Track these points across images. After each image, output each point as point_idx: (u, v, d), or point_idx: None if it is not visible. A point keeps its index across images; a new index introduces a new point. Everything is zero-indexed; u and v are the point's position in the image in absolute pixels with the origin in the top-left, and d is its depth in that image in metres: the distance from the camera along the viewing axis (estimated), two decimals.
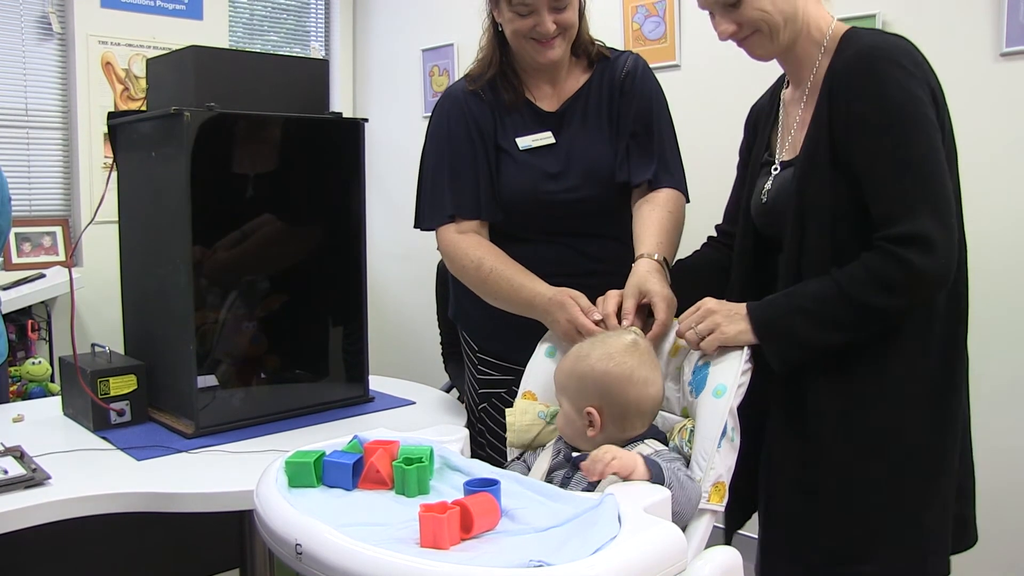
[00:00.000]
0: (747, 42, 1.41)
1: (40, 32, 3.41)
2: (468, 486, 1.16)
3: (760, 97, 1.64)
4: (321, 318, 1.99)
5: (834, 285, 1.31)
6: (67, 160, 3.51)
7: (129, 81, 3.55)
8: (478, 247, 1.70)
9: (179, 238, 1.74)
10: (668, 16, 2.96)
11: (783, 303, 1.36)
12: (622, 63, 1.77)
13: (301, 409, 1.91)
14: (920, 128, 1.28)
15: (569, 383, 1.37)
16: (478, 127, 1.74)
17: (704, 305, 1.40)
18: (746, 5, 1.35)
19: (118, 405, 1.81)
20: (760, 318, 1.35)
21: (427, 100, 3.88)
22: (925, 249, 1.25)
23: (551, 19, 1.62)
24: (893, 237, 1.27)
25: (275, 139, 1.88)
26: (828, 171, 1.34)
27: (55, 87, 3.47)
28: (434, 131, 1.80)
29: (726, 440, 1.32)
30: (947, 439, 1.38)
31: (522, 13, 1.62)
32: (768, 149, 1.53)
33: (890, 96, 1.28)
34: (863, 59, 1.31)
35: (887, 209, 1.29)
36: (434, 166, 1.78)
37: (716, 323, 1.36)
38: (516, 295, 1.62)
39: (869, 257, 1.29)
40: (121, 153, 2.00)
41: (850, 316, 1.30)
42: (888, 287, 1.27)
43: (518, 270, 1.65)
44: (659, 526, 1.07)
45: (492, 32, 1.75)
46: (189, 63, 1.79)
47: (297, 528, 1.10)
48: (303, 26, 4.22)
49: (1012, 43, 2.26)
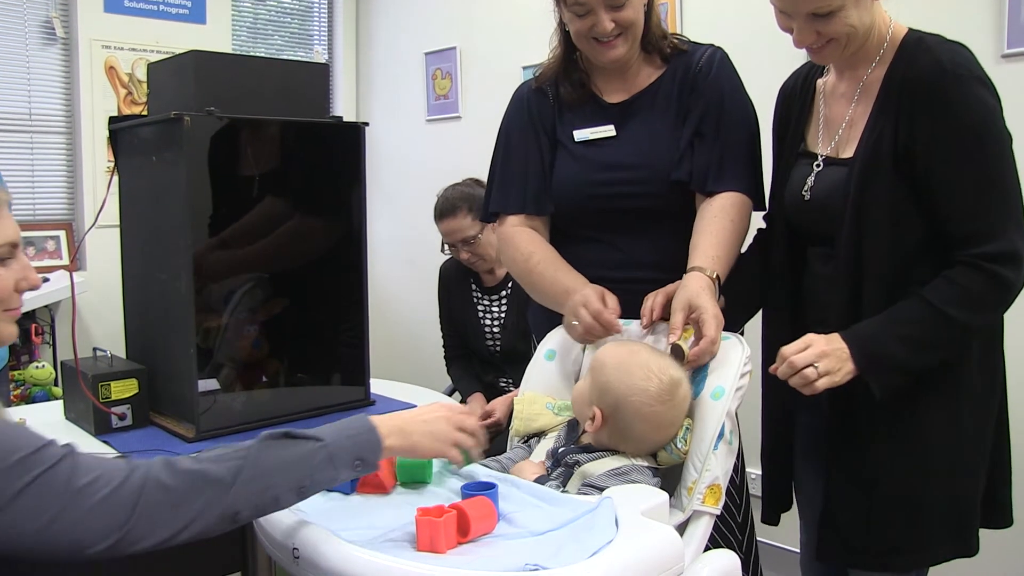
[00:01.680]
0: (820, 51, 1.39)
1: (44, 37, 3.42)
2: (465, 490, 1.16)
3: (788, 79, 1.62)
4: (322, 322, 1.99)
5: (929, 307, 1.31)
6: (71, 164, 3.52)
7: (132, 85, 3.56)
8: (531, 242, 1.67)
9: (180, 242, 1.75)
10: (670, 20, 2.96)
11: (881, 334, 1.33)
12: (698, 57, 1.68)
13: (302, 413, 1.91)
14: (1001, 144, 1.32)
15: (601, 374, 1.35)
16: (537, 122, 1.72)
17: (812, 342, 1.33)
18: (837, 19, 1.33)
19: (119, 409, 1.81)
20: (862, 355, 1.33)
21: (429, 103, 3.88)
22: (1017, 265, 1.30)
23: (608, 18, 1.57)
24: (988, 256, 1.29)
25: (275, 143, 1.88)
26: (890, 176, 1.35)
27: (59, 91, 3.48)
28: (500, 128, 1.80)
29: (723, 443, 1.32)
30: (988, 429, 1.42)
31: (579, 13, 1.59)
32: (803, 139, 1.53)
33: (974, 114, 1.30)
34: (946, 74, 1.31)
35: (974, 227, 1.31)
36: (496, 162, 1.79)
37: (828, 368, 1.32)
38: (551, 288, 1.60)
39: (963, 276, 1.31)
40: (122, 158, 2.01)
41: (950, 336, 1.33)
42: (988, 305, 1.32)
43: (560, 265, 1.62)
44: (656, 530, 1.07)
45: (560, 31, 1.71)
46: (190, 68, 1.80)
47: (294, 533, 1.10)
48: (306, 30, 4.23)
49: (1013, 45, 2.25)
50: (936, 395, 1.38)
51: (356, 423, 1.13)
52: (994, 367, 1.44)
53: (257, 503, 1.03)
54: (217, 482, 1.01)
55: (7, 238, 1.14)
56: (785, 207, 1.53)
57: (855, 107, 1.43)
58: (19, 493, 0.92)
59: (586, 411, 1.35)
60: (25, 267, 1.18)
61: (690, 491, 1.29)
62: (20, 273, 1.17)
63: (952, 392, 1.38)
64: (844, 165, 1.42)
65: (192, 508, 0.99)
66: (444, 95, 3.82)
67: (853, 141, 1.41)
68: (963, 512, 1.40)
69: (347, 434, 1.10)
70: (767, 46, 2.00)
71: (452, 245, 2.56)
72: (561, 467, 1.34)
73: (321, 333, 1.99)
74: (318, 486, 1.08)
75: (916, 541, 1.39)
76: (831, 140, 1.47)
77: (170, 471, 1.00)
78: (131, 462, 1.01)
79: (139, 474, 0.99)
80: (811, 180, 1.46)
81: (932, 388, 1.37)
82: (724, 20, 2.82)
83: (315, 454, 1.06)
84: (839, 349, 1.32)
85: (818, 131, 1.50)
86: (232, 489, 1.01)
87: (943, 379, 1.38)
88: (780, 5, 1.37)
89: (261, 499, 1.03)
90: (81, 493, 0.95)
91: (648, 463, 1.33)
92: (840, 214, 1.39)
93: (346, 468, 1.09)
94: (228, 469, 1.02)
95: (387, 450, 1.13)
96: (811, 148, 1.51)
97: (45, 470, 0.94)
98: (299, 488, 1.06)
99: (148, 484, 0.98)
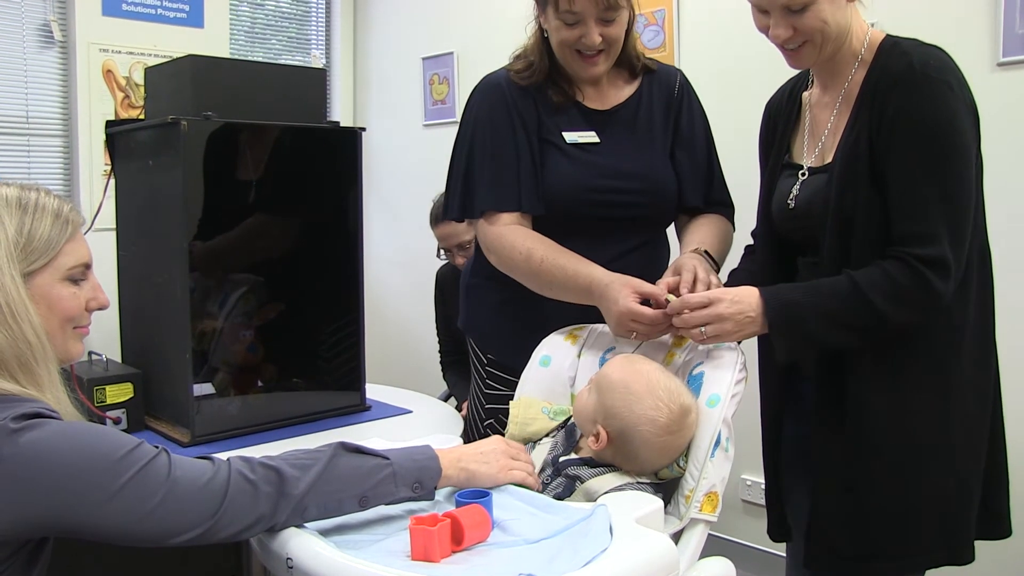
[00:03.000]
0: (797, 52, 1.40)
1: (41, 40, 3.42)
2: (460, 498, 1.16)
3: (774, 95, 1.64)
4: (318, 326, 1.98)
5: (855, 288, 1.32)
6: (68, 168, 3.52)
7: (130, 89, 3.56)
8: (525, 237, 1.63)
9: (176, 247, 1.74)
10: (667, 25, 2.96)
11: (803, 302, 1.35)
12: (673, 78, 1.76)
13: (298, 418, 1.91)
14: (957, 151, 1.32)
15: (608, 396, 1.32)
16: (522, 118, 1.68)
17: (715, 306, 1.35)
18: (810, 13, 1.34)
19: (114, 413, 1.81)
20: (777, 317, 1.34)
21: (427, 108, 3.88)
22: (945, 275, 1.31)
23: (598, 31, 1.59)
24: (922, 257, 1.30)
25: (273, 148, 1.88)
26: (867, 179, 1.35)
27: (56, 95, 3.47)
28: (473, 117, 1.74)
29: (720, 450, 1.31)
30: (981, 435, 1.42)
31: (569, 22, 1.59)
32: (788, 151, 1.53)
33: (935, 116, 1.31)
34: (913, 75, 1.32)
35: (916, 228, 1.31)
36: (471, 154, 1.72)
37: (726, 331, 1.35)
38: (572, 282, 1.56)
39: (894, 268, 1.31)
40: (119, 162, 2.00)
41: (866, 323, 1.33)
42: (906, 301, 1.31)
43: (570, 256, 1.60)
44: (651, 537, 1.07)
45: (539, 38, 1.71)
46: (188, 72, 1.80)
47: (288, 542, 1.10)
48: (304, 34, 4.23)
49: (1008, 53, 2.26)
50: (925, 401, 1.37)
51: (421, 451, 1.22)
52: (986, 372, 1.43)
53: (325, 503, 1.12)
54: (293, 480, 1.10)
55: (81, 259, 1.20)
56: (772, 218, 1.53)
57: (836, 115, 1.44)
58: (127, 483, 1.02)
59: (589, 427, 1.33)
60: (96, 287, 1.23)
61: (687, 499, 1.28)
62: (91, 293, 1.22)
63: (941, 397, 1.38)
64: (825, 172, 1.42)
65: (269, 502, 1.09)
66: (441, 100, 3.82)
67: (834, 148, 1.42)
68: (954, 518, 1.40)
69: (412, 458, 1.20)
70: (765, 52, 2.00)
71: (448, 250, 2.56)
72: (562, 477, 1.34)
73: (317, 338, 1.99)
74: (378, 500, 1.16)
75: (905, 548, 1.38)
76: (815, 148, 1.47)
77: (250, 467, 1.11)
78: (215, 460, 1.12)
79: (225, 468, 1.10)
80: (796, 189, 1.47)
81: (921, 393, 1.37)
82: (721, 24, 2.82)
83: (381, 470, 1.16)
84: (744, 313, 1.34)
85: (803, 142, 1.51)
86: (304, 490, 1.10)
87: (933, 383, 1.37)
88: (756, 1, 1.39)
89: (329, 501, 1.12)
90: (178, 483, 1.05)
91: (650, 479, 1.32)
92: (823, 220, 1.39)
93: (406, 488, 1.17)
94: (302, 470, 1.12)
95: (445, 479, 1.21)
96: (796, 159, 1.51)
97: (147, 463, 1.04)
98: (362, 498, 1.14)
99: (234, 476, 1.09)
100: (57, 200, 1.19)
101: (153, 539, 1.05)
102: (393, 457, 1.17)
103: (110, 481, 1.02)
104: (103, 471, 1.02)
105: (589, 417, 1.33)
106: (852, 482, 1.39)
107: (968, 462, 1.41)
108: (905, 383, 1.37)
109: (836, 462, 1.41)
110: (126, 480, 1.02)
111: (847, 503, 1.39)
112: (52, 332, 1.16)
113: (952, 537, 1.40)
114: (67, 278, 1.17)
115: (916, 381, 1.37)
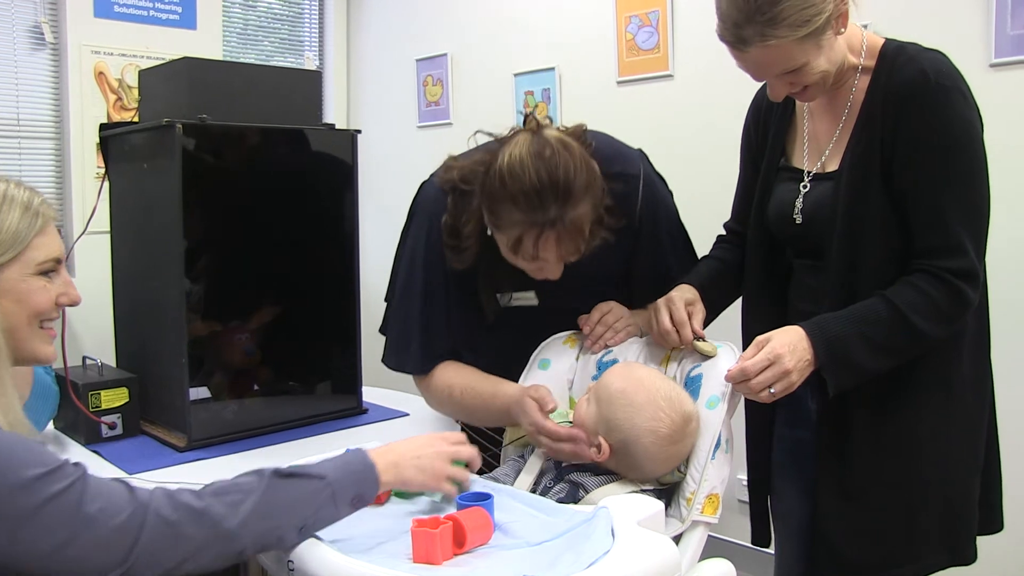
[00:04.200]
0: (803, 94, 1.38)
1: (33, 42, 3.40)
2: (461, 500, 1.16)
3: (761, 89, 1.59)
4: (314, 330, 1.98)
5: (895, 312, 1.30)
6: (59, 170, 3.50)
7: (122, 91, 3.54)
8: (442, 374, 1.55)
9: (171, 250, 1.74)
10: (661, 27, 2.97)
11: (847, 334, 1.31)
12: (633, 203, 1.53)
13: (294, 421, 1.90)
14: (977, 162, 1.33)
15: (608, 408, 1.30)
16: (453, 276, 1.52)
17: (779, 364, 1.27)
18: (806, 72, 1.31)
19: (110, 418, 1.80)
20: (827, 354, 1.30)
21: (421, 110, 3.88)
22: (975, 284, 1.32)
23: (561, 265, 1.41)
24: (953, 269, 1.30)
25: (268, 151, 1.88)
26: (879, 188, 1.34)
27: (48, 97, 3.45)
28: (409, 255, 1.59)
29: (720, 451, 1.32)
30: (980, 435, 1.42)
31: (528, 259, 1.39)
32: (784, 155, 1.52)
33: (952, 129, 1.31)
34: (928, 85, 1.30)
35: (942, 240, 1.31)
36: (408, 302, 1.57)
37: (792, 383, 1.29)
38: (492, 405, 1.48)
39: (928, 284, 1.30)
40: (113, 165, 1.99)
41: (909, 344, 1.32)
42: (946, 316, 1.31)
43: (486, 380, 1.51)
44: (652, 540, 1.07)
45: (479, 228, 1.43)
46: (182, 74, 1.79)
47: None
48: (297, 36, 4.22)
49: (1000, 54, 2.28)
50: (926, 404, 1.37)
51: (356, 460, 1.13)
52: (983, 373, 1.44)
53: (263, 542, 1.04)
54: (221, 519, 1.00)
55: (52, 253, 1.16)
56: (769, 223, 1.51)
57: (843, 123, 1.42)
58: (35, 511, 0.91)
59: (591, 437, 1.32)
60: (67, 283, 1.20)
61: (689, 501, 1.28)
62: (62, 288, 1.19)
63: (943, 400, 1.38)
64: (830, 179, 1.41)
65: (193, 544, 0.99)
66: (435, 101, 3.82)
67: (839, 155, 1.41)
68: (959, 519, 1.40)
69: (348, 470, 1.11)
70: None
71: None
72: (564, 483, 1.33)
73: (313, 341, 1.98)
74: (319, 525, 1.08)
75: (912, 551, 1.38)
76: (819, 157, 1.45)
77: (172, 505, 1.00)
78: (135, 493, 1.00)
79: (142, 506, 0.98)
80: (800, 202, 1.44)
81: (922, 396, 1.37)
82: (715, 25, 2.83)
83: (319, 493, 1.07)
84: (802, 359, 1.29)
85: (803, 147, 1.48)
86: (237, 528, 1.01)
87: (934, 386, 1.38)
88: (749, 73, 1.36)
89: (266, 539, 1.04)
90: (90, 522, 0.94)
91: (653, 486, 1.32)
92: (829, 227, 1.38)
93: (346, 506, 1.10)
94: (232, 506, 1.02)
95: (383, 485, 1.14)
96: (795, 163, 1.49)
97: (59, 492, 0.93)
98: (301, 528, 1.06)
99: (151, 518, 0.97)
100: (28, 192, 1.15)
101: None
102: (329, 473, 1.09)
103: (13, 505, 0.90)
104: (8, 491, 0.90)
105: (591, 429, 1.32)
106: (857, 490, 1.38)
107: (969, 462, 1.41)
108: (908, 387, 1.37)
109: (838, 468, 1.40)
110: (36, 506, 0.91)
111: (851, 511, 1.39)
112: (19, 328, 1.12)
113: (956, 538, 1.40)
114: (37, 272, 1.14)
115: (919, 385, 1.37)
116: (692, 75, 2.94)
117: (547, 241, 1.33)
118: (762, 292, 1.52)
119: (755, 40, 1.26)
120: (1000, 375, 1.48)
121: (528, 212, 1.31)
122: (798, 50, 1.28)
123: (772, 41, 1.26)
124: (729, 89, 2.69)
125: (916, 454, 1.37)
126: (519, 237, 1.34)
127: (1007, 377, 1.57)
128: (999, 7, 2.27)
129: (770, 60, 1.29)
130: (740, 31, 1.27)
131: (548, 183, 1.30)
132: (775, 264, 1.52)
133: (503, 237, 1.38)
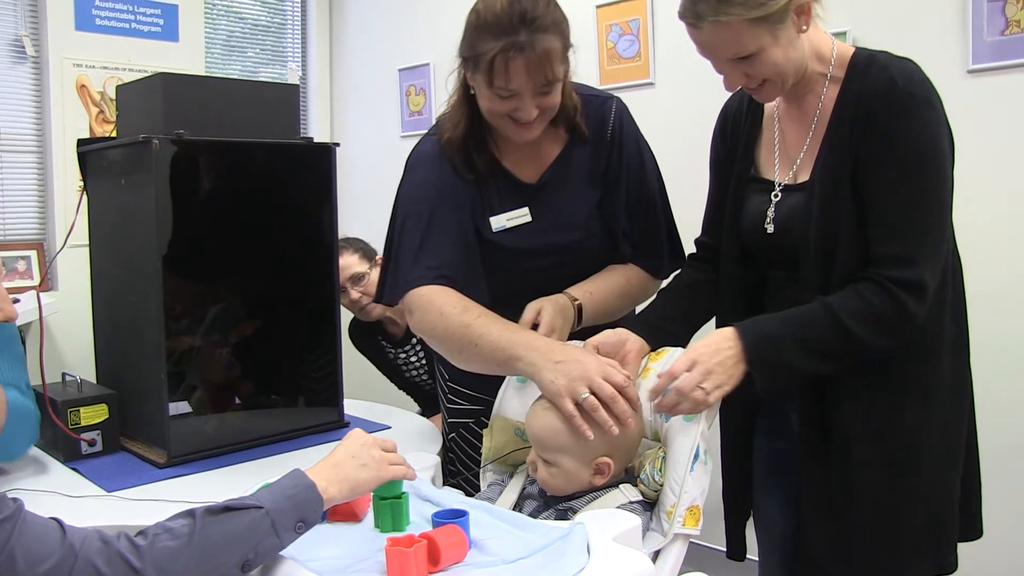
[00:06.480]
0: (759, 91, 1.39)
1: (14, 55, 3.38)
2: (436, 518, 1.15)
3: (731, 100, 1.60)
4: (295, 343, 1.97)
5: (832, 316, 1.30)
6: (41, 184, 3.48)
7: (104, 104, 3.53)
8: (447, 294, 1.56)
9: (149, 265, 1.73)
10: (642, 35, 2.98)
11: (779, 335, 1.32)
12: (607, 111, 1.66)
13: (276, 435, 1.89)
14: (939, 175, 1.32)
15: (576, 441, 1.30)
16: (460, 206, 1.61)
17: (700, 365, 1.30)
18: (760, 61, 1.32)
19: (89, 435, 1.78)
20: (757, 354, 1.32)
21: (404, 120, 3.88)
22: (921, 298, 1.30)
23: (534, 104, 1.49)
24: (899, 280, 1.29)
25: (246, 165, 1.87)
26: (850, 198, 1.34)
27: (29, 110, 3.44)
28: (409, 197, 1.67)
29: (699, 464, 1.31)
30: (960, 442, 1.42)
31: (503, 96, 1.48)
32: (753, 165, 1.51)
33: (918, 140, 1.30)
34: (897, 93, 1.30)
35: (890, 249, 1.30)
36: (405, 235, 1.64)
37: (720, 381, 1.31)
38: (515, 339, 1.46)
39: (870, 291, 1.30)
40: (91, 180, 1.99)
41: (845, 349, 1.31)
42: (885, 326, 1.30)
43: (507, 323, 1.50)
44: (628, 555, 1.07)
45: (462, 95, 1.59)
46: (158, 90, 1.78)
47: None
48: (280, 47, 4.21)
49: (978, 60, 2.29)
50: (908, 416, 1.37)
51: (294, 482, 1.10)
52: (962, 378, 1.44)
53: None
54: (159, 570, 0.96)
55: None
56: (742, 234, 1.50)
57: (812, 134, 1.41)
58: None
59: (587, 474, 1.31)
60: (2, 297, 1.17)
61: (670, 515, 1.28)
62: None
63: (923, 410, 1.38)
64: (802, 189, 1.41)
65: None
66: (418, 111, 3.82)
67: (810, 166, 1.41)
68: (941, 528, 1.40)
69: (287, 495, 1.07)
70: None
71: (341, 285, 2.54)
72: (551, 510, 1.32)
73: (294, 354, 1.98)
74: (263, 557, 1.05)
75: (895, 562, 1.38)
76: (790, 167, 1.45)
77: (107, 555, 0.95)
78: (65, 540, 0.95)
79: (71, 557, 0.93)
80: (771, 212, 1.44)
81: (903, 407, 1.37)
82: None
83: (258, 524, 1.03)
84: (727, 357, 1.31)
85: (773, 157, 1.48)
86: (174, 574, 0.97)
87: (914, 396, 1.37)
88: (701, 52, 1.37)
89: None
90: (11, 564, 0.90)
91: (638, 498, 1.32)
92: (803, 238, 1.38)
93: (289, 532, 1.06)
94: (168, 553, 0.97)
95: (329, 501, 1.11)
96: (764, 174, 1.49)
97: None
98: (244, 563, 1.02)
99: (79, 567, 0.93)
100: None
101: None
102: (267, 503, 1.05)
103: None
104: None
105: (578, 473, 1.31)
106: (840, 505, 1.37)
107: (950, 471, 1.41)
108: (886, 398, 1.36)
109: (820, 480, 1.39)
110: None
111: (833, 521, 1.38)
112: None
113: (939, 547, 1.40)
114: None
115: (898, 394, 1.37)
116: (673, 83, 2.95)
117: (517, 65, 1.44)
118: (737, 304, 1.51)
119: (708, 15, 1.29)
120: (977, 380, 1.48)
121: (499, 36, 1.43)
122: (750, 34, 1.29)
123: (723, 18, 1.27)
124: (709, 96, 2.69)
125: (898, 463, 1.37)
126: (491, 64, 1.44)
127: (983, 381, 1.57)
128: (975, 14, 2.29)
129: (722, 40, 1.31)
130: (695, 6, 1.30)
131: (518, 11, 1.44)
132: (749, 275, 1.52)
133: (480, 78, 1.48)
